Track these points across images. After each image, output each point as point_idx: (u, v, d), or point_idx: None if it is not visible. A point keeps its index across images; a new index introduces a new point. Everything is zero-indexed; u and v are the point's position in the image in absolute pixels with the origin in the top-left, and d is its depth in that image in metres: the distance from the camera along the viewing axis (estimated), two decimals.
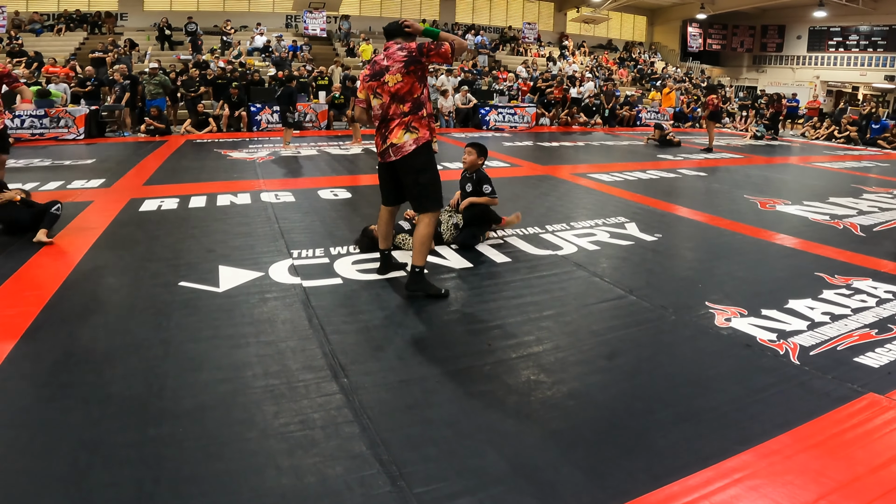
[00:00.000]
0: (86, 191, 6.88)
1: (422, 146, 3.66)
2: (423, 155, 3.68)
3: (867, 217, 6.50)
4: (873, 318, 3.61)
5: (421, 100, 3.69)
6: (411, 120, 3.64)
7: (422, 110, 3.68)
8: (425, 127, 3.69)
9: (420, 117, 3.67)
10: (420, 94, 3.68)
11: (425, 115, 3.70)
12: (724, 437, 2.38)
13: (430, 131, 3.75)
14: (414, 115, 3.65)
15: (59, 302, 3.60)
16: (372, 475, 2.09)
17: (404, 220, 4.93)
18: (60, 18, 19.63)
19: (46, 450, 2.19)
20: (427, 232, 3.72)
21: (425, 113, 3.70)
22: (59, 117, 11.74)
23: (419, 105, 3.67)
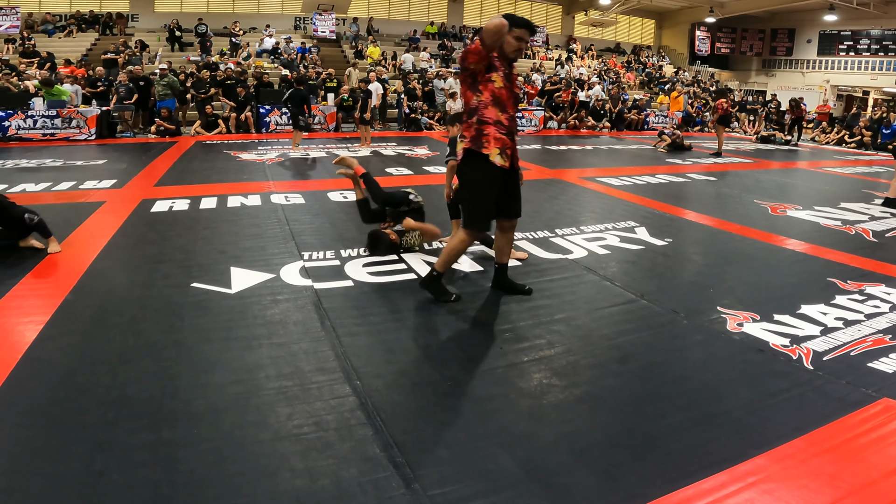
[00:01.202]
0: (98, 191, 6.93)
1: (465, 157, 3.51)
2: (467, 167, 3.53)
3: (879, 222, 6.47)
4: (887, 324, 3.59)
5: (472, 107, 3.49)
6: (462, 128, 3.55)
7: (472, 118, 3.48)
8: (471, 135, 3.48)
9: (469, 125, 3.50)
10: (471, 101, 3.49)
11: (475, 123, 3.46)
12: (737, 441, 2.37)
13: (477, 140, 3.46)
14: (465, 122, 3.53)
15: (72, 303, 3.63)
16: (386, 477, 2.10)
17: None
18: (72, 19, 19.77)
19: (62, 451, 2.21)
20: (458, 247, 3.61)
21: (476, 120, 3.46)
22: (71, 118, 11.82)
23: (471, 112, 3.50)
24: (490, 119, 3.44)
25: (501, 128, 3.46)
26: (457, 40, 24.13)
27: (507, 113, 3.49)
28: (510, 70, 3.52)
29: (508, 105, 3.49)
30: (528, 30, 3.46)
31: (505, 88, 3.45)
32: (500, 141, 3.46)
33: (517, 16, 3.44)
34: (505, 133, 3.47)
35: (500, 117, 3.46)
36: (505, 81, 3.44)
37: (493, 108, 3.45)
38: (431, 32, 24.30)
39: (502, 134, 3.46)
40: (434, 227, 4.86)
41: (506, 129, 3.48)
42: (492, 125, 3.44)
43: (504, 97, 3.45)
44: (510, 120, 3.52)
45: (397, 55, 20.55)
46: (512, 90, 3.51)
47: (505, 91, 3.45)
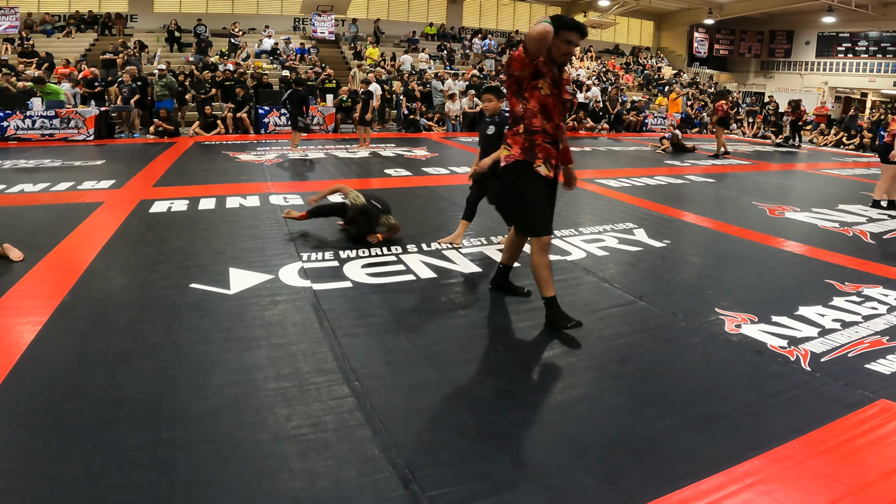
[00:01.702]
0: (96, 192, 6.92)
1: (511, 165, 3.41)
2: (512, 175, 3.42)
3: (877, 224, 6.48)
4: (884, 326, 3.60)
5: (517, 114, 3.38)
6: (507, 136, 3.45)
7: (518, 125, 3.38)
8: (519, 144, 3.36)
9: (514, 133, 3.40)
10: (517, 109, 3.38)
11: (522, 132, 3.36)
12: (735, 442, 2.38)
13: (529, 150, 3.36)
14: (510, 129, 3.44)
15: (71, 303, 3.63)
16: (384, 478, 2.10)
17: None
18: (71, 20, 19.75)
19: (60, 452, 2.20)
20: (535, 261, 3.44)
21: (522, 129, 3.36)
22: (69, 118, 11.81)
23: (516, 120, 3.40)
24: (538, 128, 3.34)
25: (546, 137, 3.36)
26: (455, 41, 24.14)
27: (553, 121, 3.37)
28: (559, 75, 3.36)
29: (555, 113, 3.36)
30: (579, 33, 3.27)
31: (552, 95, 3.32)
32: (546, 151, 3.37)
33: (566, 17, 3.28)
34: (550, 142, 3.37)
35: (546, 126, 3.35)
36: (552, 88, 3.30)
37: (540, 116, 3.34)
38: (430, 34, 24.32)
39: (547, 143, 3.37)
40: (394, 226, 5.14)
41: (550, 137, 3.37)
42: (540, 134, 3.34)
43: (550, 105, 3.33)
44: (555, 128, 3.39)
45: (396, 56, 20.56)
46: (560, 96, 3.37)
47: (552, 98, 3.32)
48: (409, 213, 6.31)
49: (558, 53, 3.26)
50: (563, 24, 3.20)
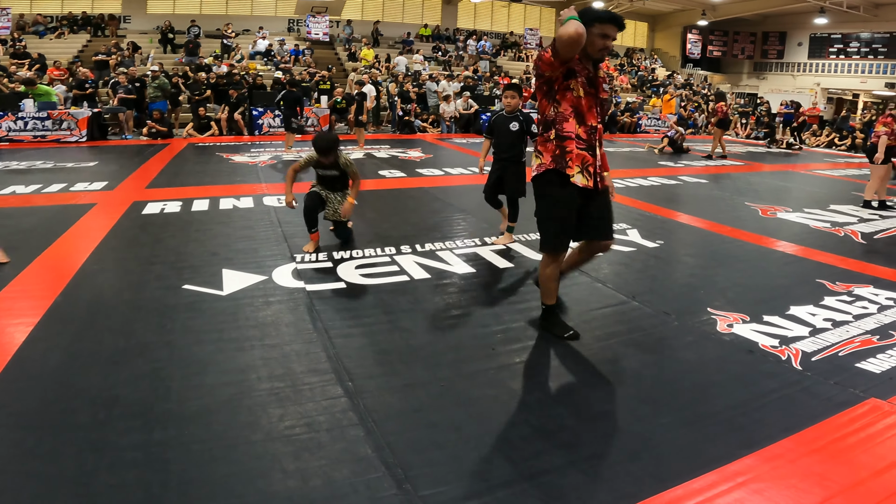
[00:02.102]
0: (89, 193, 6.90)
1: (540, 175, 3.15)
2: (541, 184, 3.15)
3: (868, 224, 6.52)
4: (875, 325, 3.62)
5: (548, 118, 3.11)
6: (538, 143, 3.20)
7: (549, 131, 3.11)
8: (550, 152, 3.10)
9: (545, 139, 3.14)
10: (547, 112, 3.12)
11: (552, 138, 3.09)
12: (727, 441, 2.39)
13: (560, 158, 3.07)
14: (540, 136, 3.19)
15: (63, 304, 3.62)
16: (378, 478, 2.10)
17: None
18: (64, 21, 19.67)
19: (53, 451, 2.20)
20: (545, 272, 3.28)
21: (553, 134, 3.09)
22: (62, 119, 11.77)
23: (546, 125, 3.13)
24: (570, 133, 3.06)
25: (581, 142, 3.07)
26: (450, 42, 24.16)
27: (587, 125, 3.07)
28: (595, 72, 3.08)
29: (589, 115, 3.06)
30: (616, 25, 2.97)
31: (587, 96, 3.03)
32: (581, 157, 3.07)
33: (600, 10, 2.99)
34: (585, 148, 3.07)
35: (579, 130, 3.06)
36: (587, 87, 3.02)
37: (572, 120, 3.05)
38: (425, 35, 24.33)
39: (581, 149, 3.07)
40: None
41: (585, 143, 3.07)
42: (573, 140, 3.06)
43: (584, 107, 3.04)
44: (590, 132, 3.09)
45: (391, 57, 20.56)
46: (596, 96, 3.08)
47: (586, 100, 3.03)
48: (403, 214, 6.33)
49: (594, 49, 2.97)
50: (597, 17, 2.93)
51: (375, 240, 5.16)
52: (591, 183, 3.10)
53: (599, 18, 2.92)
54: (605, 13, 2.95)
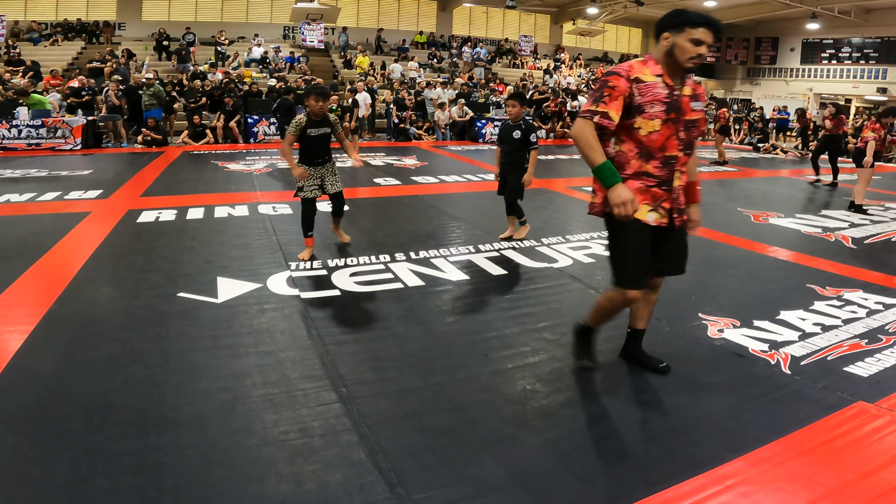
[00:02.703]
0: (83, 202, 6.91)
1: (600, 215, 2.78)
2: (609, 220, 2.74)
3: (858, 230, 6.58)
4: (863, 329, 3.66)
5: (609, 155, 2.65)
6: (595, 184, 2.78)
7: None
8: (603, 191, 2.65)
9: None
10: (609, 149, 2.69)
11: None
12: (716, 444, 2.42)
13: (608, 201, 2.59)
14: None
15: (58, 312, 3.63)
16: (371, 482, 2.13)
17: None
18: (58, 28, 19.70)
19: (48, 457, 2.22)
20: (605, 305, 2.89)
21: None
22: (56, 127, 11.77)
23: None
24: (629, 172, 2.65)
25: (650, 180, 2.65)
26: (445, 49, 24.27)
27: (657, 158, 2.63)
28: (682, 85, 2.65)
29: (668, 146, 2.62)
30: (710, 29, 2.56)
31: (663, 127, 2.59)
32: (649, 195, 2.66)
33: (692, 12, 2.58)
34: (656, 184, 2.66)
35: (647, 167, 2.64)
36: (665, 115, 2.58)
37: (636, 161, 2.65)
38: (421, 42, 24.44)
39: (651, 186, 2.66)
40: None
41: (656, 178, 2.65)
42: (637, 178, 2.65)
43: (656, 142, 2.60)
44: (664, 165, 2.64)
45: (386, 65, 20.63)
46: (679, 119, 2.61)
47: (661, 132, 2.59)
48: (397, 221, 6.36)
49: (684, 57, 2.56)
50: (687, 20, 2.55)
51: (370, 247, 5.19)
52: (665, 221, 2.71)
53: (691, 21, 2.54)
54: (697, 16, 2.55)
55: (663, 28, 2.63)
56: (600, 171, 2.54)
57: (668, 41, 2.60)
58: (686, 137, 2.67)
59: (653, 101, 2.58)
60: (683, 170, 2.74)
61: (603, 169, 2.53)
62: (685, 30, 2.55)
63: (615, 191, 2.50)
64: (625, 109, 2.59)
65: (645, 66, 2.64)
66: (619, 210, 2.50)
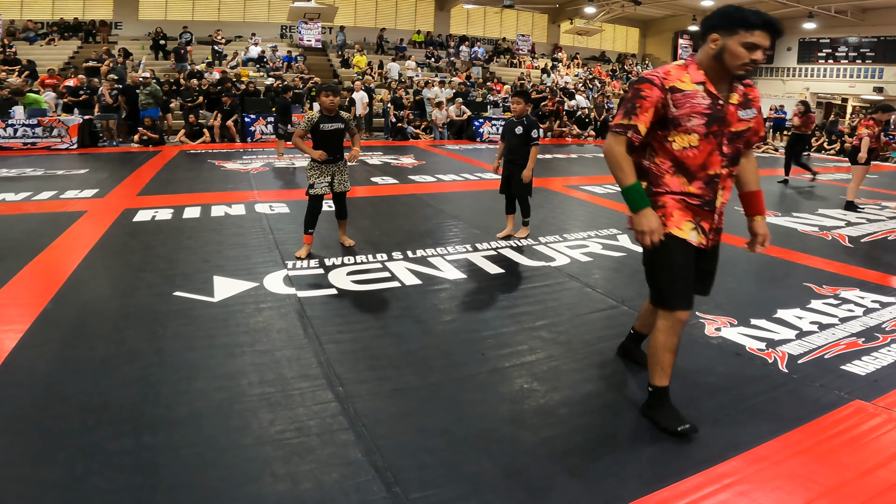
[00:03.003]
0: (79, 201, 6.89)
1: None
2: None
3: (855, 228, 6.58)
4: (860, 328, 3.66)
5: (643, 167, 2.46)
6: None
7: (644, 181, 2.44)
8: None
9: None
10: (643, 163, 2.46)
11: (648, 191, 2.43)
12: (714, 443, 2.41)
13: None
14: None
15: (53, 311, 3.62)
16: (367, 481, 2.12)
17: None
18: (54, 27, 19.63)
19: (43, 456, 2.21)
20: (658, 340, 2.52)
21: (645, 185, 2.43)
22: (52, 126, 11.73)
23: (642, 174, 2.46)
24: (667, 188, 2.41)
25: (692, 198, 2.40)
26: (442, 49, 24.26)
27: (699, 178, 2.37)
28: (728, 92, 2.33)
29: (710, 163, 2.35)
30: (771, 32, 2.20)
31: (704, 141, 2.31)
32: (690, 212, 2.42)
33: (749, 11, 2.19)
34: (699, 203, 2.40)
35: (688, 187, 2.38)
36: (706, 129, 2.29)
37: (675, 177, 2.40)
38: (418, 41, 24.42)
39: (694, 204, 2.40)
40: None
41: (698, 198, 2.40)
42: (674, 196, 2.40)
43: (696, 158, 2.34)
44: (707, 185, 2.39)
45: (384, 64, 20.61)
46: (721, 132, 2.31)
47: (701, 147, 2.32)
48: (394, 220, 6.35)
49: (734, 63, 2.23)
50: (743, 21, 2.18)
51: (367, 246, 5.18)
52: (706, 242, 2.47)
53: (747, 23, 2.18)
54: (755, 16, 2.18)
55: (712, 27, 2.27)
56: (628, 194, 2.33)
57: (717, 44, 2.25)
58: (731, 151, 2.37)
59: (690, 113, 2.28)
60: (727, 186, 2.46)
61: (630, 191, 2.32)
62: (739, 32, 2.19)
63: (642, 217, 2.30)
64: (658, 121, 2.33)
65: (684, 72, 2.32)
66: (643, 239, 2.33)
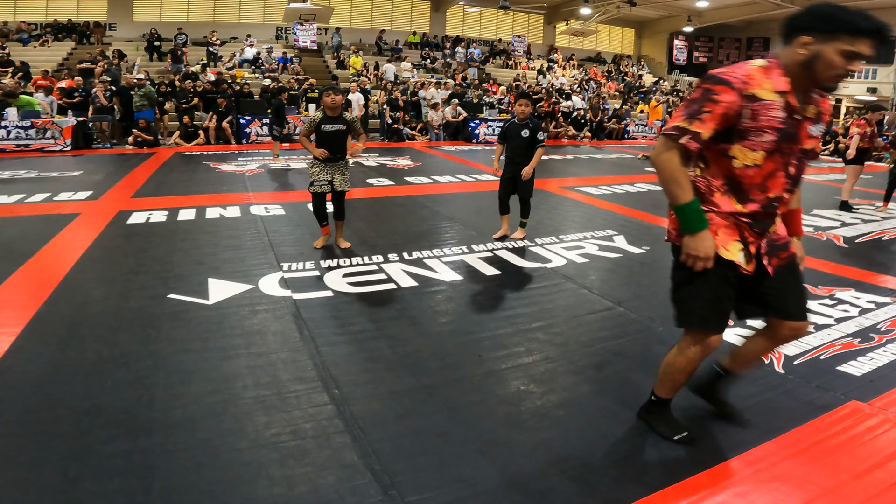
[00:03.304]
0: (73, 203, 6.85)
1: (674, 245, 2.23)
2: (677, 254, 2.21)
3: (850, 229, 6.60)
4: (856, 328, 3.67)
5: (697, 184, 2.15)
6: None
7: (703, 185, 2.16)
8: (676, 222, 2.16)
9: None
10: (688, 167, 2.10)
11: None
12: (710, 444, 2.41)
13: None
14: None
15: (46, 314, 3.59)
16: (364, 484, 2.11)
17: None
18: (48, 28, 19.56)
19: (36, 459, 2.19)
20: (675, 359, 2.34)
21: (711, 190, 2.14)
22: (46, 128, 11.67)
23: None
24: (714, 207, 2.12)
25: (744, 218, 2.10)
26: (438, 50, 24.26)
27: (756, 200, 2.08)
28: (806, 104, 2.03)
29: (771, 184, 2.07)
30: (877, 41, 1.89)
31: (768, 160, 2.02)
32: (736, 231, 2.12)
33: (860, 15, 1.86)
34: (749, 222, 2.11)
35: (740, 207, 2.09)
36: (775, 146, 1.99)
37: (726, 196, 2.11)
38: (414, 42, 24.42)
39: (745, 222, 2.11)
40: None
41: (749, 218, 2.10)
42: (723, 215, 2.11)
43: (752, 179, 2.06)
44: (764, 209, 2.09)
45: (379, 65, 20.60)
46: (791, 150, 2.03)
47: (764, 167, 2.03)
48: (390, 222, 6.34)
49: (827, 74, 1.93)
50: (848, 25, 1.86)
51: (363, 248, 5.16)
52: (751, 268, 2.16)
53: (854, 28, 1.86)
54: (864, 20, 1.85)
55: (805, 28, 1.93)
56: (685, 212, 2.02)
57: (810, 49, 1.92)
58: (797, 172, 2.09)
59: (765, 127, 1.97)
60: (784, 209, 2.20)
61: (688, 210, 2.02)
62: (840, 37, 1.87)
63: (699, 240, 2.02)
64: (723, 130, 2.01)
65: (767, 78, 1.98)
66: (693, 263, 2.06)
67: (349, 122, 4.95)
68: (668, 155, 2.02)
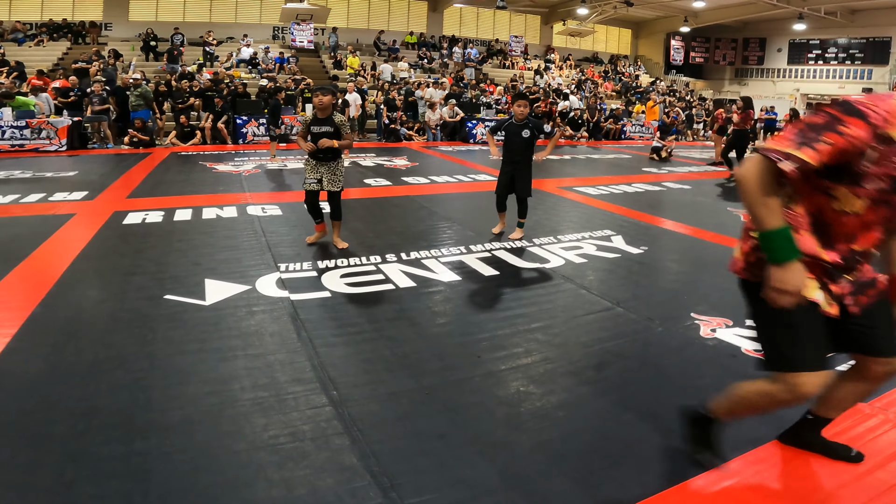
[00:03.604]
0: (68, 203, 6.81)
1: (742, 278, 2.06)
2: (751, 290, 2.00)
3: None
4: None
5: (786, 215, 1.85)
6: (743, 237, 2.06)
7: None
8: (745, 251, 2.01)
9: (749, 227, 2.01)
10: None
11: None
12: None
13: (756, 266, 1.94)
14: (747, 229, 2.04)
15: (41, 315, 3.57)
16: (363, 487, 2.09)
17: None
18: (43, 28, 19.49)
19: (31, 462, 2.17)
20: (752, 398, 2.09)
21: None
22: (41, 128, 11.62)
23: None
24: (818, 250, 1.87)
25: (824, 264, 1.87)
26: (435, 50, 24.25)
27: (839, 250, 1.86)
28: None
29: (867, 237, 1.85)
30: None
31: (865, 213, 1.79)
32: (816, 271, 1.88)
33: None
34: (830, 270, 1.88)
35: (823, 252, 1.86)
36: (886, 195, 1.74)
37: (809, 236, 1.86)
38: (411, 42, 24.41)
39: (827, 264, 1.87)
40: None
41: (831, 265, 1.87)
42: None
43: (845, 227, 1.83)
44: (846, 260, 1.87)
45: (376, 65, 20.58)
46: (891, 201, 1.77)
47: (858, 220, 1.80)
48: (388, 222, 6.32)
49: None
50: None
51: (361, 248, 5.15)
52: (836, 310, 1.92)
53: None
54: None
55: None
56: (773, 240, 1.76)
57: None
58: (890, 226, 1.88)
59: (884, 174, 1.71)
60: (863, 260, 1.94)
61: (777, 237, 1.75)
62: None
63: (788, 272, 1.74)
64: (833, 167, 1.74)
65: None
66: (778, 298, 1.78)
67: (337, 124, 4.92)
68: (761, 173, 1.75)
